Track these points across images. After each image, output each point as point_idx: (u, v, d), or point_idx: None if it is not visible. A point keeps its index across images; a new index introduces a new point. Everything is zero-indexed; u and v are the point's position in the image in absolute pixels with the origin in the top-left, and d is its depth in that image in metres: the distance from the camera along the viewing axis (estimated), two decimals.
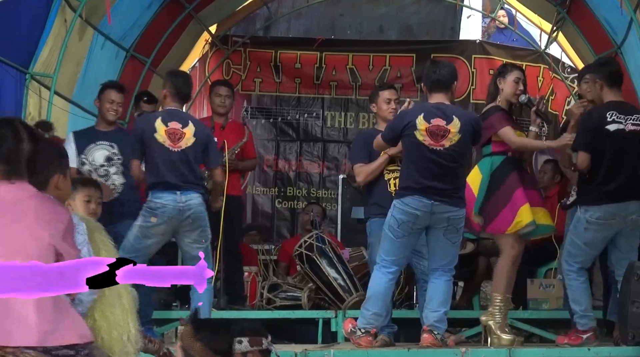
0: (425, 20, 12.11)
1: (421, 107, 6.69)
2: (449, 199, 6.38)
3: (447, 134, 6.38)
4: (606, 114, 6.55)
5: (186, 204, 6.86)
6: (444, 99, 6.52)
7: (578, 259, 6.61)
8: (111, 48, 8.69)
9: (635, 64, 8.19)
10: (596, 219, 6.49)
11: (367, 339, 6.42)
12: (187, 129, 7.00)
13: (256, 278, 8.65)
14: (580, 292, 6.59)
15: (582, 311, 6.57)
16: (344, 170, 10.93)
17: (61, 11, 7.55)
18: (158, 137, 6.92)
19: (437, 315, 6.43)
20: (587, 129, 6.63)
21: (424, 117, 6.41)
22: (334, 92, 11.48)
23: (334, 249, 8.18)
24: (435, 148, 6.38)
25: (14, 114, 7.16)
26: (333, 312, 7.70)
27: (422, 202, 6.35)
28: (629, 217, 6.49)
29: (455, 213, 6.39)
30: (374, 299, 6.50)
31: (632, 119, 6.53)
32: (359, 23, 12.10)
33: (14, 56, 7.13)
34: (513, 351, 6.38)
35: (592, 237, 6.56)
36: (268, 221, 11.35)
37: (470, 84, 11.31)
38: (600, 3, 8.45)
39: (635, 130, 6.52)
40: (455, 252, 6.54)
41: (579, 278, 6.59)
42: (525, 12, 11.10)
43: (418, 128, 6.39)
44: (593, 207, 6.51)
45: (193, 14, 9.94)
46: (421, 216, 6.36)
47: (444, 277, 6.49)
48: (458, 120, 6.41)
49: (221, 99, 8.59)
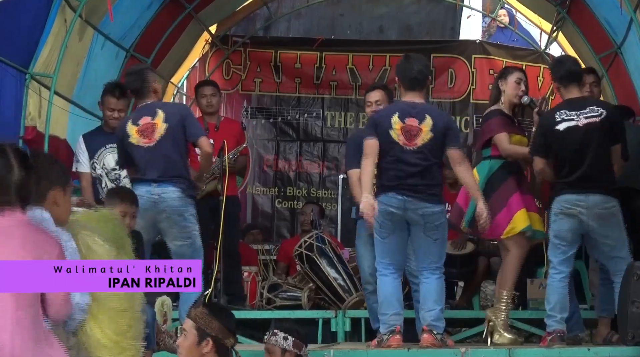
0: (425, 20, 12.11)
1: (395, 106, 6.70)
2: (422, 195, 6.40)
3: (420, 133, 6.41)
4: (555, 115, 6.57)
5: (160, 196, 6.69)
6: (418, 97, 6.54)
7: (554, 254, 6.58)
8: (111, 48, 8.69)
9: (635, 64, 8.20)
10: (560, 209, 6.50)
11: (395, 338, 6.40)
12: (157, 119, 6.86)
13: (256, 278, 8.65)
14: (552, 290, 6.55)
15: (549, 310, 6.55)
16: (344, 170, 10.91)
17: (61, 11, 7.54)
18: (132, 140, 6.82)
19: (434, 314, 6.44)
20: (537, 134, 6.70)
21: (399, 116, 6.45)
22: (334, 92, 11.49)
23: (334, 249, 8.19)
24: (408, 147, 6.42)
25: (13, 114, 7.17)
26: (333, 312, 7.70)
27: (395, 199, 6.40)
28: (592, 210, 6.46)
29: (429, 209, 6.40)
30: (387, 302, 6.51)
31: (585, 113, 6.50)
32: (359, 23, 12.11)
33: (14, 56, 7.12)
34: (513, 351, 6.37)
35: (558, 228, 6.54)
36: (268, 221, 11.36)
37: (471, 84, 11.32)
38: (600, 3, 8.45)
39: (591, 123, 6.48)
40: (439, 249, 6.53)
41: (554, 275, 6.55)
42: (525, 12, 11.11)
43: (393, 127, 6.43)
44: (556, 199, 6.54)
45: (193, 14, 9.94)
46: (396, 213, 6.40)
47: (434, 275, 6.49)
48: (430, 119, 6.43)
49: (207, 99, 8.56)
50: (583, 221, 6.48)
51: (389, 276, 6.52)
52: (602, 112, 6.50)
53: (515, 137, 6.90)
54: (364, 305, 7.80)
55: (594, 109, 6.52)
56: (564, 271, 6.56)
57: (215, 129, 8.48)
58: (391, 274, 6.52)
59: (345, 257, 8.30)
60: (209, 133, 8.41)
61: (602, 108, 6.56)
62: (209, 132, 8.42)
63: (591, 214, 6.46)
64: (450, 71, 11.39)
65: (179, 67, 10.76)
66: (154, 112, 6.85)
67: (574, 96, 6.60)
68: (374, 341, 6.59)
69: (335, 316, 7.66)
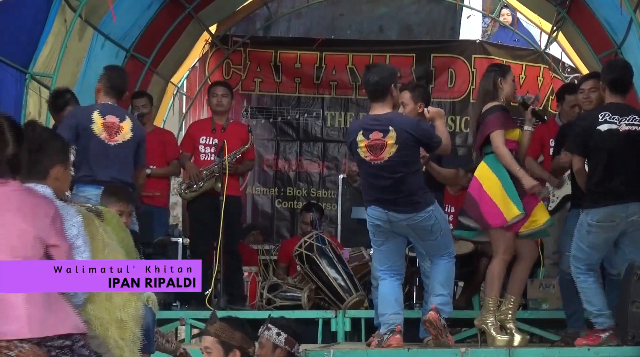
0: (425, 20, 12.11)
1: (361, 123, 6.69)
2: (402, 206, 6.38)
3: (385, 146, 6.36)
4: (598, 114, 6.55)
5: None
6: (382, 108, 6.44)
7: (585, 262, 6.58)
8: (111, 48, 8.69)
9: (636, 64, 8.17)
10: (597, 221, 6.48)
11: (395, 337, 6.39)
12: (125, 124, 6.98)
13: (256, 278, 8.65)
14: (592, 293, 6.56)
15: (597, 310, 6.55)
16: (344, 170, 10.92)
17: (61, 11, 7.54)
18: (95, 128, 6.88)
19: (441, 298, 6.49)
20: (577, 132, 6.66)
21: (363, 134, 6.40)
22: (333, 92, 11.49)
23: (334, 249, 8.18)
24: (376, 163, 6.39)
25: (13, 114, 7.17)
26: (333, 312, 7.70)
27: (377, 211, 6.43)
28: (630, 218, 6.47)
29: (413, 218, 6.39)
30: (386, 302, 6.53)
31: (627, 120, 6.50)
32: (359, 23, 12.11)
33: (14, 56, 7.13)
34: (513, 351, 6.37)
35: (595, 240, 6.53)
36: (268, 221, 11.36)
37: (470, 84, 11.31)
38: (600, 3, 8.45)
39: (631, 131, 6.49)
40: (442, 242, 6.54)
41: (589, 279, 6.56)
42: (526, 12, 11.11)
43: (359, 146, 6.41)
44: (593, 210, 6.50)
45: (193, 14, 9.94)
46: (382, 225, 6.45)
47: (443, 260, 6.55)
48: (394, 131, 6.34)
49: (217, 99, 8.60)
50: (619, 230, 6.50)
51: (387, 279, 6.55)
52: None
53: (515, 132, 6.85)
54: (364, 305, 7.81)
55: (635, 118, 6.52)
56: (595, 272, 6.59)
57: (222, 130, 8.53)
58: (390, 278, 6.54)
59: (345, 257, 8.30)
60: (215, 133, 8.46)
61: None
62: (216, 132, 8.47)
63: (629, 222, 6.48)
64: (450, 71, 11.39)
65: (179, 67, 10.76)
66: (122, 117, 7.02)
67: (617, 101, 6.60)
68: (374, 341, 6.58)
69: (335, 316, 7.66)
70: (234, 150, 8.31)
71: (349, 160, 10.48)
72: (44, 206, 3.66)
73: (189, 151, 8.67)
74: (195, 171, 8.37)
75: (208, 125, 8.67)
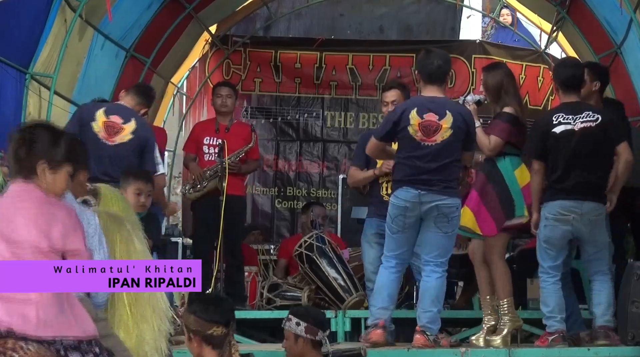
0: (425, 20, 12.11)
1: (414, 101, 6.66)
2: (437, 188, 6.37)
3: (439, 129, 6.37)
4: (552, 116, 6.55)
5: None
6: (437, 92, 6.50)
7: (545, 259, 6.56)
8: (111, 48, 8.69)
9: (635, 64, 8.19)
10: (553, 215, 6.46)
11: (375, 332, 6.40)
12: (127, 126, 6.98)
13: (256, 278, 8.65)
14: (548, 293, 6.53)
15: (549, 312, 6.53)
16: (344, 170, 10.92)
17: (61, 11, 7.54)
18: (94, 126, 6.91)
19: (429, 315, 6.43)
20: (534, 136, 6.66)
21: (417, 112, 6.39)
22: (334, 92, 11.49)
23: (334, 249, 8.18)
24: (427, 143, 6.38)
25: (13, 114, 7.17)
26: (333, 312, 7.69)
27: (410, 193, 6.37)
28: (586, 216, 6.44)
29: (445, 201, 6.37)
30: (378, 294, 6.54)
31: (581, 118, 6.48)
32: (359, 23, 12.11)
33: (14, 56, 7.12)
34: (513, 351, 6.37)
35: (549, 234, 6.50)
36: (268, 221, 11.36)
37: (471, 84, 11.31)
38: (600, 3, 8.45)
39: (587, 128, 6.46)
40: (447, 244, 6.50)
41: (548, 279, 6.53)
42: (525, 12, 11.10)
43: (411, 123, 6.38)
44: (549, 203, 6.49)
45: (193, 14, 9.94)
46: (410, 208, 6.38)
47: (436, 273, 6.46)
48: (451, 116, 6.39)
49: (222, 100, 8.64)
50: (575, 227, 6.46)
51: (388, 269, 6.53)
52: (598, 118, 6.48)
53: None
54: (364, 305, 7.80)
55: (590, 114, 6.50)
56: (557, 274, 6.54)
57: (226, 130, 8.56)
58: (391, 268, 6.52)
59: (345, 257, 8.30)
60: (219, 133, 8.48)
61: (598, 113, 6.53)
62: (220, 133, 8.49)
63: (585, 220, 6.45)
64: (450, 71, 11.36)
65: (179, 67, 10.76)
66: (128, 118, 7.01)
67: (571, 101, 6.59)
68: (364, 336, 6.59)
69: (335, 316, 7.64)
70: (237, 150, 8.32)
71: (349, 160, 10.47)
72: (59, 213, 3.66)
73: (192, 152, 8.70)
74: (199, 171, 8.38)
75: (212, 126, 8.71)
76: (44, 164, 3.77)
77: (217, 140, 8.45)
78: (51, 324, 3.47)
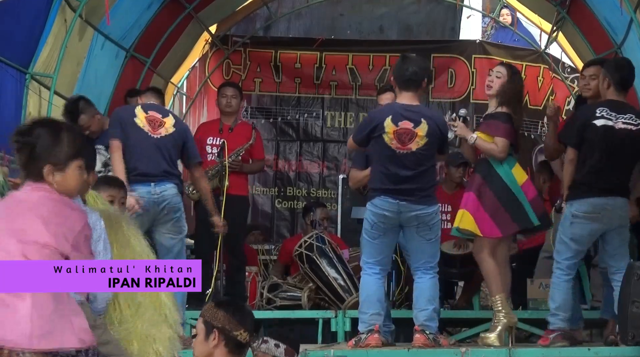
0: (425, 20, 12.12)
1: (389, 109, 6.61)
2: (415, 198, 6.38)
3: (414, 137, 6.36)
4: (596, 109, 6.54)
5: (161, 195, 6.95)
6: (413, 99, 6.47)
7: (565, 256, 6.55)
8: (111, 48, 8.69)
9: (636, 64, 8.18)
10: (582, 213, 6.46)
11: (373, 337, 6.39)
12: (167, 119, 7.21)
13: (256, 278, 8.65)
14: (558, 289, 6.53)
15: (553, 309, 6.54)
16: (344, 170, 10.92)
17: (61, 11, 7.54)
18: (138, 121, 7.10)
19: (426, 313, 6.44)
20: (572, 124, 6.66)
21: (392, 119, 6.38)
22: (334, 92, 11.49)
23: (334, 249, 8.19)
24: (402, 151, 6.37)
25: (13, 114, 7.17)
26: (333, 312, 7.70)
27: (388, 202, 6.38)
28: (617, 212, 6.46)
29: (424, 211, 6.39)
30: (368, 302, 6.51)
31: (623, 118, 6.49)
32: (359, 23, 12.11)
33: (14, 56, 7.12)
34: (513, 351, 6.37)
35: (578, 232, 6.51)
36: (268, 221, 11.36)
37: (470, 84, 11.31)
38: (600, 3, 8.45)
39: (626, 129, 6.47)
40: (432, 249, 6.52)
41: (562, 276, 6.53)
42: (525, 12, 11.10)
43: (386, 131, 6.37)
44: (579, 200, 6.48)
45: (193, 14, 9.94)
46: (390, 216, 6.40)
47: (427, 275, 6.50)
48: (426, 123, 6.38)
49: (227, 100, 8.68)
50: (605, 224, 6.48)
51: (372, 276, 6.51)
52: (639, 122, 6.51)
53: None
54: None
55: (632, 117, 6.51)
56: (571, 272, 6.55)
57: (230, 130, 8.60)
58: (375, 275, 6.51)
59: (345, 257, 8.30)
60: (222, 133, 8.51)
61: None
62: (223, 133, 8.52)
63: (616, 215, 6.47)
64: (450, 71, 11.39)
65: (179, 67, 10.76)
66: (165, 113, 7.28)
67: (618, 99, 6.58)
68: (351, 341, 6.57)
69: (335, 316, 7.66)
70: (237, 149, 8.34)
71: (349, 160, 10.47)
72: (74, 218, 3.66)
73: None
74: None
75: (216, 126, 8.75)
76: (49, 167, 3.69)
77: (220, 141, 8.46)
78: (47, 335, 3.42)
